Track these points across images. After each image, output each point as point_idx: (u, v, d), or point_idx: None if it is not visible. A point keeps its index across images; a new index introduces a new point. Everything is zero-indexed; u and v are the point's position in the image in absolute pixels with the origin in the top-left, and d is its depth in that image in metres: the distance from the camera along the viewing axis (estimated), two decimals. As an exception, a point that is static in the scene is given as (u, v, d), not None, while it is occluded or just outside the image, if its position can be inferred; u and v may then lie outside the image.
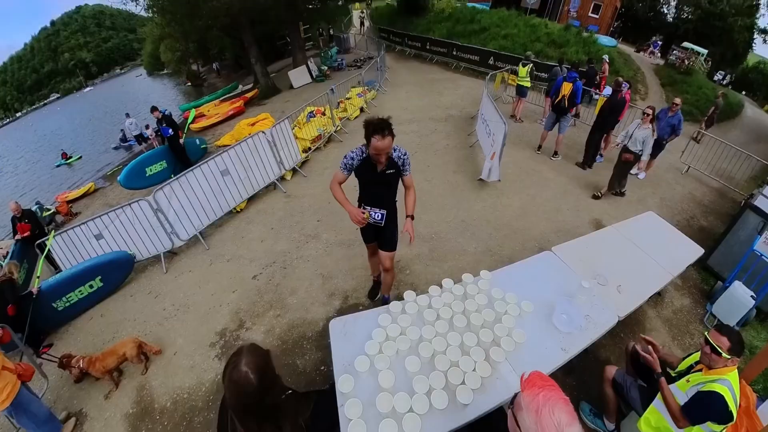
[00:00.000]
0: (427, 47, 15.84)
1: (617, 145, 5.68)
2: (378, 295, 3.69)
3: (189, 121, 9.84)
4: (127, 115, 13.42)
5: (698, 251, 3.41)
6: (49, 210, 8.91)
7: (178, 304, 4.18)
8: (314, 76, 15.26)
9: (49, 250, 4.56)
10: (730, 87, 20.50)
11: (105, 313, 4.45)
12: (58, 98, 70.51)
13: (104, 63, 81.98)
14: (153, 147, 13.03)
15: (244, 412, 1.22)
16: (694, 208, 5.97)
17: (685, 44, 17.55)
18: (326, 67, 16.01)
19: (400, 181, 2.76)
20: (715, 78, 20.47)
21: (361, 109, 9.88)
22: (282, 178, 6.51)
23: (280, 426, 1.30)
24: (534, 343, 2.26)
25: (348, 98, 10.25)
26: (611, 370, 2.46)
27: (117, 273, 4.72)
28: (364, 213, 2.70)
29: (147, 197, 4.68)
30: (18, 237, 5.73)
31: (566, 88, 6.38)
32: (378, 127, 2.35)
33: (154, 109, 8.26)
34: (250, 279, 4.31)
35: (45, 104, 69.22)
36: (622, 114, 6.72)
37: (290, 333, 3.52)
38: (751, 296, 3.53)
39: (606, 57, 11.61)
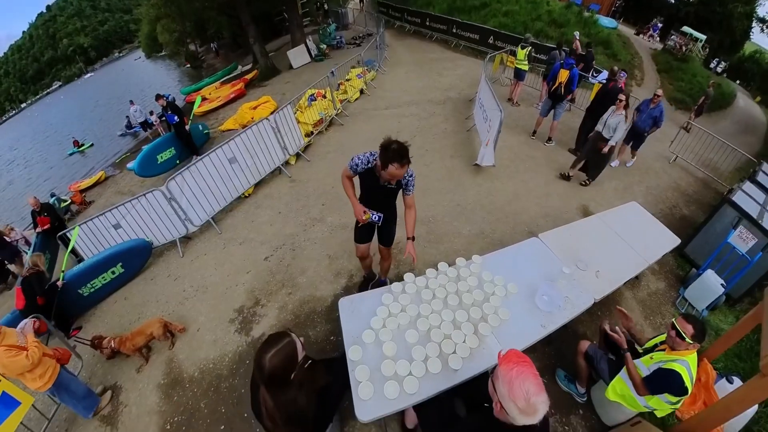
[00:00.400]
0: (427, 23, 15.42)
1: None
2: (367, 288, 3.76)
3: (195, 106, 9.89)
4: (132, 102, 13.52)
5: (675, 241, 3.63)
6: (65, 201, 9.26)
7: (196, 285, 4.52)
8: (313, 56, 15.06)
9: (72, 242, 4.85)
10: (725, 75, 20.43)
11: (128, 296, 4.81)
12: (60, 86, 70.22)
13: (102, 47, 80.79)
14: (158, 133, 13.25)
15: (273, 388, 1.60)
16: (678, 198, 6.15)
17: (685, 29, 17.33)
18: (325, 46, 15.76)
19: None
20: (711, 65, 20.21)
21: (361, 91, 9.89)
22: (286, 163, 6.71)
23: (304, 392, 1.67)
24: (517, 320, 2.55)
25: (348, 80, 10.23)
26: (584, 344, 2.76)
27: (136, 259, 5.06)
28: (366, 212, 2.85)
29: (160, 187, 4.92)
30: (39, 230, 6.07)
31: (563, 75, 6.38)
32: (398, 155, 2.32)
33: (158, 97, 8.37)
34: (262, 260, 4.62)
35: (48, 93, 69.01)
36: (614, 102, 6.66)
37: (302, 308, 3.86)
38: (722, 284, 3.79)
39: (577, 34, 11.11)
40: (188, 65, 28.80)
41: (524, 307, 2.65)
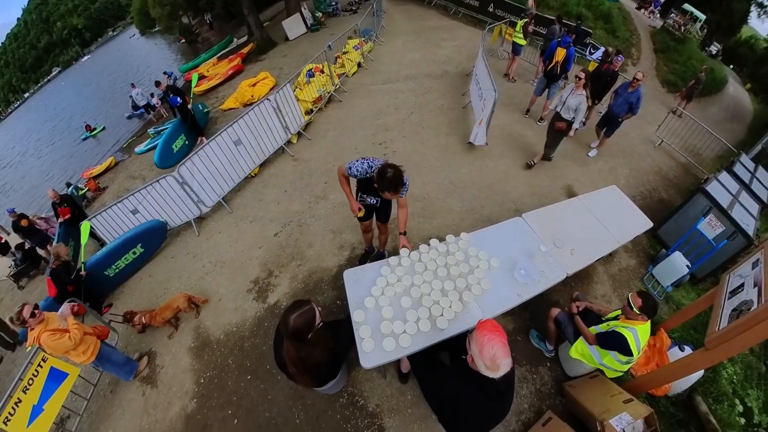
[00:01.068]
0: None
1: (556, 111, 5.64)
2: (366, 261, 4.15)
3: (192, 84, 9.99)
4: (133, 85, 13.58)
5: (648, 224, 3.86)
6: (82, 189, 9.67)
7: (214, 261, 4.96)
8: (309, 25, 14.68)
9: (90, 231, 5.22)
10: (719, 58, 19.81)
11: (153, 274, 5.29)
12: (59, 72, 69.30)
13: (96, 27, 78.47)
14: (161, 115, 13.43)
15: (296, 341, 2.04)
16: (658, 181, 6.31)
17: (686, 6, 16.68)
18: (321, 14, 15.30)
19: None
20: (707, 48, 19.50)
21: (359, 65, 9.81)
22: (288, 142, 6.93)
23: (318, 349, 2.14)
24: (497, 289, 2.89)
25: (345, 52, 10.11)
26: (555, 311, 3.17)
27: (154, 239, 5.52)
28: (360, 210, 3.20)
29: (172, 173, 5.24)
30: (60, 220, 6.48)
31: (560, 54, 6.34)
32: (392, 185, 2.57)
33: (158, 83, 8.52)
34: (272, 236, 5.01)
35: (49, 80, 68.15)
36: (611, 85, 6.55)
37: (310, 278, 4.30)
38: (687, 265, 4.09)
39: None
40: (183, 40, 28.23)
41: (504, 278, 2.98)
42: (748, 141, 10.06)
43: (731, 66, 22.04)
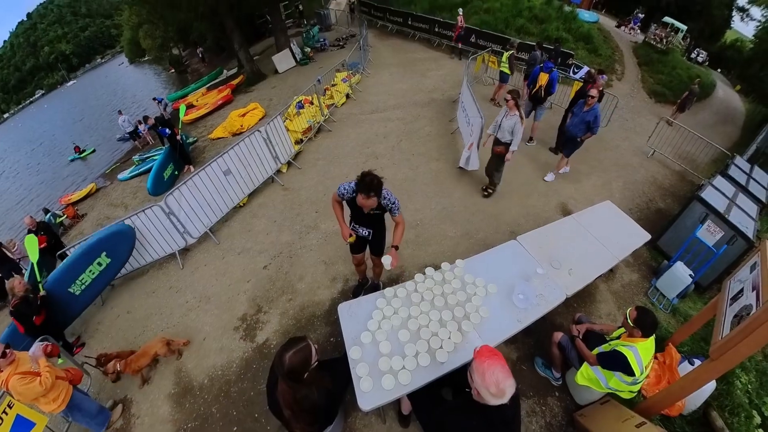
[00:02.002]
0: (409, 23, 15.56)
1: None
2: (360, 294, 4.01)
3: (181, 115, 9.98)
4: (120, 112, 13.50)
5: (645, 237, 3.90)
6: (60, 217, 9.28)
7: (199, 296, 4.72)
8: (298, 59, 15.15)
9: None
10: (706, 64, 20.44)
11: (131, 310, 4.96)
12: (42, 95, 68.91)
13: (84, 53, 79.51)
14: (147, 142, 13.30)
15: (292, 382, 1.91)
16: (655, 192, 6.41)
17: (666, 19, 17.47)
18: (309, 49, 15.84)
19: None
20: (692, 55, 20.25)
21: (347, 96, 10.06)
22: (278, 172, 6.90)
23: (314, 389, 2.00)
24: (496, 316, 2.84)
25: (334, 85, 10.40)
26: (558, 335, 3.08)
27: (121, 246, 4.96)
28: (351, 236, 3.09)
29: (159, 203, 5.08)
30: None
31: (543, 79, 6.63)
32: (365, 187, 2.52)
33: (146, 118, 8.54)
34: (261, 269, 4.84)
35: (31, 102, 67.67)
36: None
37: (302, 313, 4.11)
38: (690, 275, 4.07)
39: (460, 10, 12.29)
40: (172, 71, 28.56)
41: (502, 304, 2.94)
42: (742, 142, 10.25)
43: (719, 70, 22.53)
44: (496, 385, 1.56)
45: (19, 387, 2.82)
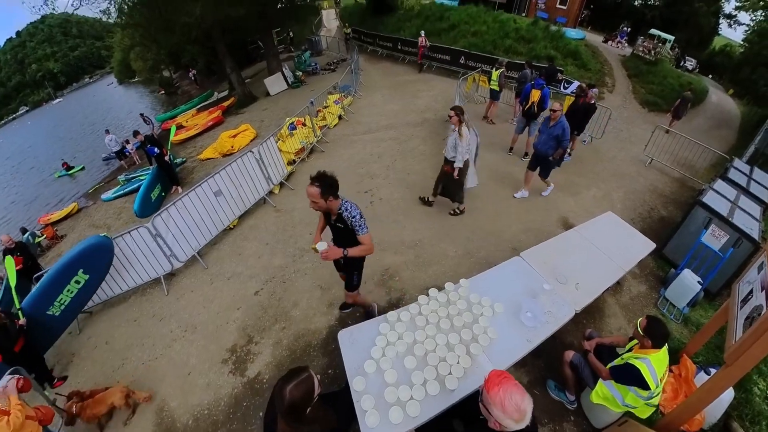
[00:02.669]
0: (399, 47, 16.06)
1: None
2: (349, 309, 4.02)
3: (171, 135, 9.82)
4: (107, 131, 13.23)
5: (650, 246, 3.85)
6: (39, 237, 8.85)
7: (184, 324, 4.42)
8: (290, 83, 15.34)
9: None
10: (697, 71, 20.50)
11: (110, 340, 4.63)
12: (26, 111, 67.79)
13: (73, 72, 79.20)
14: (133, 162, 13.01)
15: (292, 419, 1.68)
16: (656, 200, 6.41)
17: (652, 31, 17.81)
18: (301, 72, 16.09)
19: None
20: (682, 64, 20.10)
21: (340, 117, 10.12)
22: (270, 193, 6.74)
23: (319, 425, 1.78)
24: (504, 337, 2.71)
25: (326, 106, 10.47)
26: (569, 354, 2.94)
27: (98, 260, 4.62)
28: (319, 248, 2.72)
29: (146, 224, 4.85)
30: None
31: (535, 95, 6.81)
32: (314, 175, 2.57)
33: (136, 133, 8.36)
34: (253, 295, 4.59)
35: (14, 118, 66.43)
36: (589, 116, 7.05)
37: (297, 343, 3.85)
38: (698, 282, 3.99)
39: (422, 32, 13.49)
40: (162, 92, 28.55)
41: (510, 324, 2.82)
42: (739, 144, 10.25)
43: (710, 76, 22.21)
44: (517, 409, 1.46)
45: None
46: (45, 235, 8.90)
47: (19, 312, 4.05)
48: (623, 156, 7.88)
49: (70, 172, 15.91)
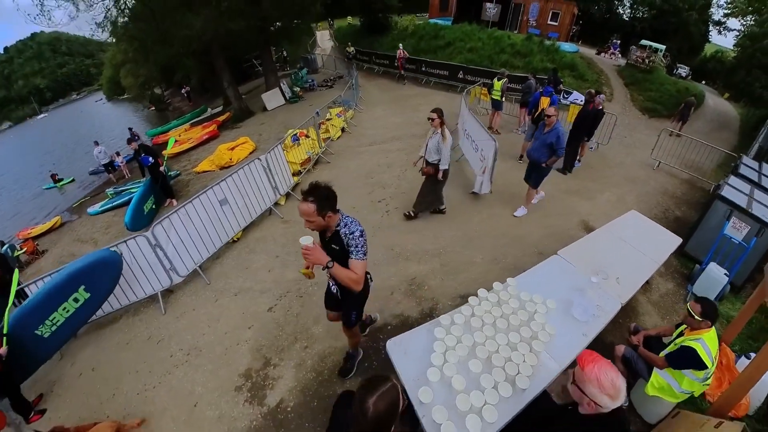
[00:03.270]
0: (396, 64, 16.24)
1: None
2: (351, 373, 3.23)
3: (169, 146, 9.35)
4: (96, 143, 12.62)
5: (677, 241, 3.91)
6: (18, 251, 8.14)
7: (187, 347, 3.89)
8: (288, 98, 15.22)
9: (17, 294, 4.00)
10: (689, 78, 20.66)
11: (97, 366, 4.03)
12: (9, 126, 65.94)
13: (60, 89, 78.04)
14: (123, 175, 12.41)
15: None
16: (668, 201, 6.44)
17: (643, 42, 18.30)
18: (298, 88, 16.03)
19: None
20: (675, 72, 20.40)
21: (342, 130, 9.92)
22: (276, 204, 6.35)
23: None
24: (562, 333, 2.64)
25: (329, 119, 10.27)
26: (620, 349, 2.89)
27: (104, 278, 4.08)
28: (308, 267, 2.29)
29: (145, 233, 4.37)
30: None
31: (544, 102, 6.86)
32: (307, 189, 2.13)
33: (130, 140, 7.90)
34: (266, 312, 4.11)
35: (-3, 133, 64.56)
36: (597, 121, 7.11)
37: (323, 363, 3.38)
38: (725, 274, 4.00)
39: (401, 45, 14.14)
40: (152, 108, 28.12)
41: (563, 320, 2.78)
42: (742, 144, 10.36)
43: (703, 82, 22.59)
44: (613, 386, 1.47)
45: None
46: (24, 250, 8.18)
47: (5, 339, 3.36)
48: (631, 161, 7.91)
49: (59, 184, 15.04)
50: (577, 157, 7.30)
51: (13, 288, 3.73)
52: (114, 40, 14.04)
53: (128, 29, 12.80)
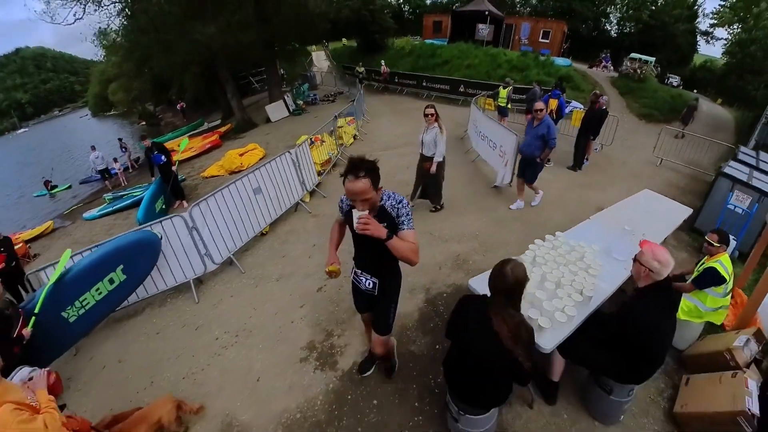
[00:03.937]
0: (396, 80, 16.77)
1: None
2: (370, 370, 2.96)
3: (181, 148, 9.15)
4: (93, 147, 12.18)
5: (688, 210, 4.31)
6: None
7: (234, 330, 3.71)
8: (291, 110, 15.40)
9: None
10: (680, 87, 21.19)
11: (124, 358, 3.75)
12: None
13: (42, 105, 75.69)
14: (119, 183, 12.02)
15: (510, 303, 1.85)
16: (674, 192, 6.78)
17: (633, 55, 19.16)
18: (302, 101, 16.28)
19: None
20: (667, 81, 21.10)
21: (354, 137, 10.07)
22: (301, 200, 6.30)
23: (524, 326, 1.86)
24: (607, 268, 3.02)
25: (340, 126, 10.40)
26: None
27: (143, 261, 3.86)
28: (333, 264, 2.28)
29: (182, 213, 4.23)
30: None
31: (553, 104, 7.41)
32: (351, 167, 1.83)
33: (143, 137, 7.74)
34: (315, 292, 4.02)
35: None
36: (602, 121, 7.49)
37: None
38: (733, 238, 4.26)
39: (383, 62, 15.43)
40: (143, 123, 27.68)
41: (607, 260, 3.17)
42: (739, 143, 10.62)
43: (695, 91, 22.56)
44: (663, 256, 2.07)
45: (14, 423, 1.71)
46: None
47: (33, 319, 3.07)
48: (634, 159, 8.36)
49: (53, 191, 14.21)
50: (586, 156, 7.66)
51: (60, 265, 3.46)
52: (105, 56, 13.83)
53: (131, 37, 12.81)
